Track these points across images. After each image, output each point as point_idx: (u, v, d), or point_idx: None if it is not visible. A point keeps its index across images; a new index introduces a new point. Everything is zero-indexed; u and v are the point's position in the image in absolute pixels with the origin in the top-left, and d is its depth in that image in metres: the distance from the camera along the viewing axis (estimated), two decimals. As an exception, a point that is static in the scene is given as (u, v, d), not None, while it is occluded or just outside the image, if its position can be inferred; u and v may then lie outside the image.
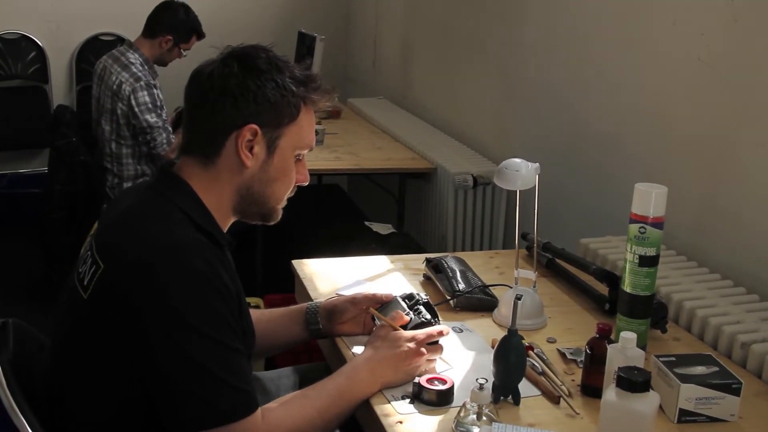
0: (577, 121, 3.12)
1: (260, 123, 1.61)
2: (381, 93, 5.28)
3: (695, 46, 2.45)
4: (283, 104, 1.63)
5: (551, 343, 1.97)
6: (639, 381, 1.46)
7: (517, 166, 1.95)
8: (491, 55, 3.84)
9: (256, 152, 1.63)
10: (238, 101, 1.60)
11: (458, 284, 2.15)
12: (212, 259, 1.51)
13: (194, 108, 1.66)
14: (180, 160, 1.67)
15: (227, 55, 1.64)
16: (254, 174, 1.65)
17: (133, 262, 1.48)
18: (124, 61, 4.04)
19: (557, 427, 1.54)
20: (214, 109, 1.61)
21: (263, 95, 1.61)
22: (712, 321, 2.02)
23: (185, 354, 1.45)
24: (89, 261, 1.56)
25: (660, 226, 1.82)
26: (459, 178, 3.58)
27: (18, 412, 1.49)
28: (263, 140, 1.63)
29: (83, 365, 1.54)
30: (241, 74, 1.60)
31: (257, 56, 1.63)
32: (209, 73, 1.62)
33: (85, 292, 1.53)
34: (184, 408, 1.47)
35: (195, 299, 1.46)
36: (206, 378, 1.46)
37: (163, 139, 4.00)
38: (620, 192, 2.38)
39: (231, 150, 1.62)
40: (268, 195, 1.69)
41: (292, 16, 5.88)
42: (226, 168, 1.63)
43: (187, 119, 1.68)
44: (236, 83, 1.60)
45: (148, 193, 1.64)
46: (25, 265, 4.65)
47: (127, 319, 1.46)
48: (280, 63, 1.64)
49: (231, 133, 1.61)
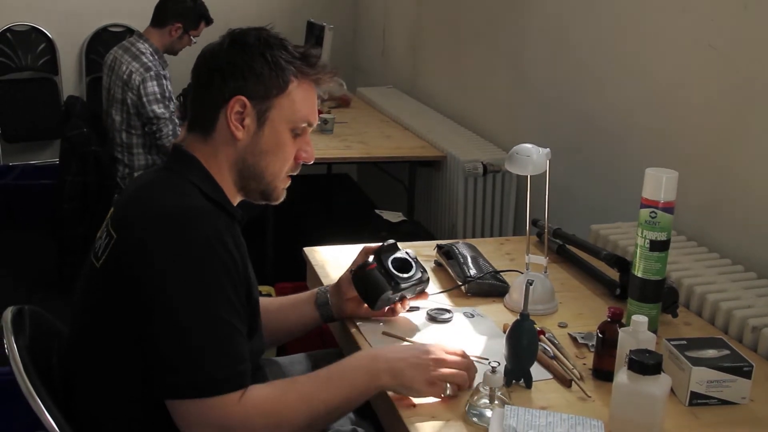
0: (586, 108, 3.12)
1: (248, 95, 1.65)
2: (390, 82, 5.29)
3: (705, 33, 2.45)
4: (271, 76, 1.66)
5: (562, 327, 1.98)
6: (650, 363, 1.47)
7: (529, 152, 1.95)
8: (501, 43, 3.84)
9: (247, 124, 1.66)
10: (224, 74, 1.65)
11: (470, 270, 2.16)
12: (221, 227, 1.55)
13: (193, 86, 1.72)
14: (187, 137, 1.72)
15: (225, 35, 1.70)
16: (246, 146, 1.67)
17: (141, 227, 1.52)
18: (134, 51, 4.06)
19: (569, 410, 1.55)
20: (206, 85, 1.68)
21: (249, 67, 1.65)
22: (723, 305, 2.03)
23: (175, 320, 1.47)
24: (104, 235, 1.60)
25: (671, 211, 1.82)
26: (469, 166, 3.59)
27: (35, 396, 1.50)
28: (253, 112, 1.66)
29: (99, 334, 1.57)
30: (229, 49, 1.67)
31: (249, 33, 1.69)
32: (204, 52, 1.71)
33: (98, 262, 1.57)
34: (163, 374, 1.48)
35: (196, 266, 1.49)
36: (191, 347, 1.47)
37: (169, 131, 4.02)
38: (630, 178, 2.38)
39: (223, 123, 1.66)
40: (263, 168, 1.70)
41: (300, 4, 5.89)
42: (222, 141, 1.67)
43: (190, 97, 1.75)
44: (224, 57, 1.66)
45: (161, 171, 1.70)
46: (37, 255, 4.67)
47: (134, 282, 1.49)
48: (272, 40, 1.69)
49: (222, 107, 1.65)
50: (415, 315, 2.01)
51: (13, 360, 1.56)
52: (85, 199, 4.03)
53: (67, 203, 4.05)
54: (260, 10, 5.90)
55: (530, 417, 1.45)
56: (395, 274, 1.91)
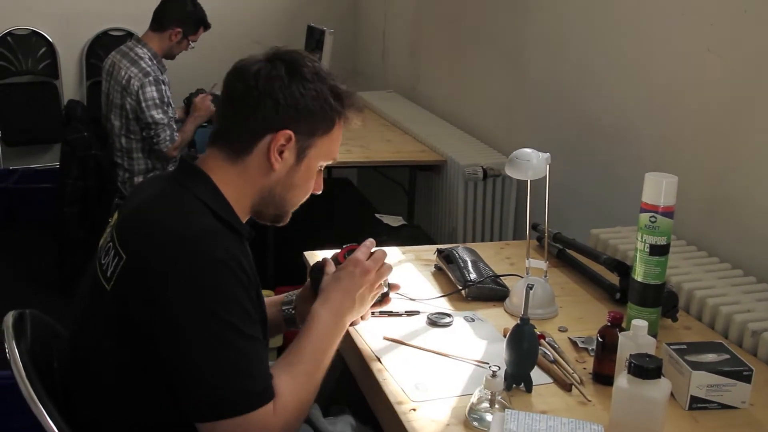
0: (586, 113, 3.12)
1: (296, 130, 1.63)
2: (390, 86, 5.29)
3: (704, 37, 2.46)
4: (321, 116, 1.65)
5: (562, 332, 1.98)
6: (651, 367, 1.47)
7: (528, 156, 1.96)
8: (500, 47, 3.85)
9: (286, 157, 1.64)
10: (279, 105, 1.61)
11: (470, 274, 2.16)
12: (232, 247, 1.53)
13: (233, 102, 1.66)
14: (207, 151, 1.68)
15: (273, 56, 1.65)
16: (279, 178, 1.66)
17: (153, 250, 1.49)
18: (132, 56, 4.06)
19: (569, 415, 1.55)
20: (254, 108, 1.62)
21: (304, 103, 1.62)
22: (723, 309, 2.03)
23: (203, 341, 1.46)
24: (112, 252, 1.57)
25: (670, 215, 1.82)
26: (469, 170, 3.59)
27: (36, 400, 1.50)
28: (295, 147, 1.64)
29: (104, 355, 1.56)
30: (287, 78, 1.61)
31: (304, 63, 1.64)
32: (256, 71, 1.62)
33: (108, 284, 1.54)
34: (198, 395, 1.47)
35: (215, 286, 1.47)
36: (223, 366, 1.46)
37: (167, 136, 4.03)
38: (630, 183, 2.39)
39: (262, 151, 1.63)
40: (287, 200, 1.72)
41: (300, 9, 5.89)
42: (254, 167, 1.64)
43: (223, 111, 1.69)
44: (281, 86, 1.61)
45: (168, 183, 1.65)
46: (38, 259, 4.67)
47: (148, 307, 1.47)
48: (324, 74, 1.66)
49: (266, 135, 1.62)
50: (416, 319, 2.02)
51: (14, 364, 1.57)
52: (85, 203, 4.04)
53: (68, 207, 4.06)
54: (260, 14, 5.91)
55: (530, 421, 1.46)
56: None
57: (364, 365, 1.83)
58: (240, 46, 5.65)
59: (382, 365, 1.80)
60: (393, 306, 2.05)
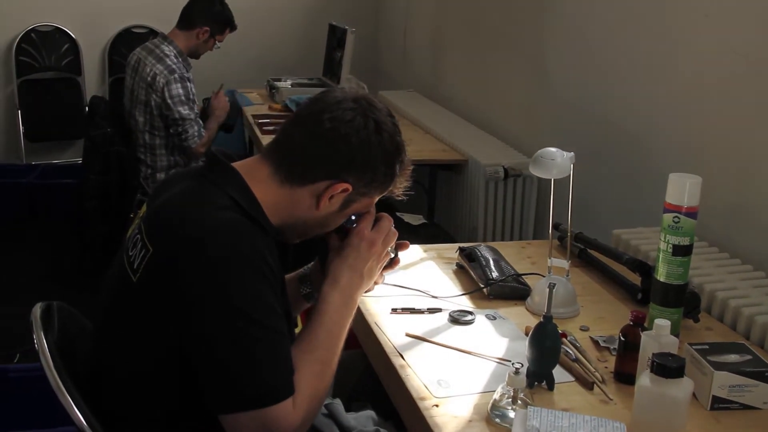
0: (608, 114, 3.12)
1: (355, 186, 1.65)
2: (411, 85, 5.30)
3: (728, 38, 2.45)
4: (381, 184, 1.68)
5: (584, 331, 1.99)
6: (673, 366, 1.48)
7: (553, 155, 1.96)
8: (522, 47, 3.85)
9: (333, 203, 1.66)
10: (355, 159, 1.62)
11: (492, 272, 2.17)
12: (258, 242, 1.53)
13: (313, 134, 1.64)
14: (255, 160, 1.68)
15: (367, 108, 1.65)
16: (317, 217, 1.68)
17: (181, 242, 1.50)
18: (158, 53, 4.08)
19: (591, 413, 1.55)
20: (329, 151, 1.62)
21: (375, 169, 1.64)
22: (745, 311, 2.03)
23: (227, 335, 1.46)
24: (139, 245, 1.58)
25: (694, 216, 1.83)
26: (490, 169, 3.59)
27: (64, 391, 1.52)
28: (344, 198, 1.66)
29: (129, 346, 1.57)
30: (373, 137, 1.63)
31: (392, 132, 1.66)
32: (350, 120, 1.62)
33: (134, 275, 1.55)
34: (221, 388, 1.48)
35: (240, 280, 1.48)
36: (246, 360, 1.47)
37: (194, 132, 4.04)
38: (652, 183, 2.39)
39: (316, 190, 1.64)
40: (313, 233, 1.74)
41: (321, 7, 5.92)
42: (299, 199, 1.65)
43: (294, 136, 1.67)
44: (361, 143, 1.62)
45: (198, 179, 1.65)
46: (60, 254, 4.71)
47: (173, 299, 1.48)
48: (398, 139, 1.69)
49: (327, 179, 1.63)
50: (438, 316, 2.03)
51: (43, 355, 1.58)
52: (108, 198, 4.06)
53: (90, 202, 4.08)
54: (282, 13, 5.93)
55: (553, 418, 1.46)
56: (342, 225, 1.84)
57: (386, 361, 1.85)
58: (262, 48, 5.73)
59: (404, 361, 1.81)
60: (415, 303, 2.06)
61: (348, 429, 1.85)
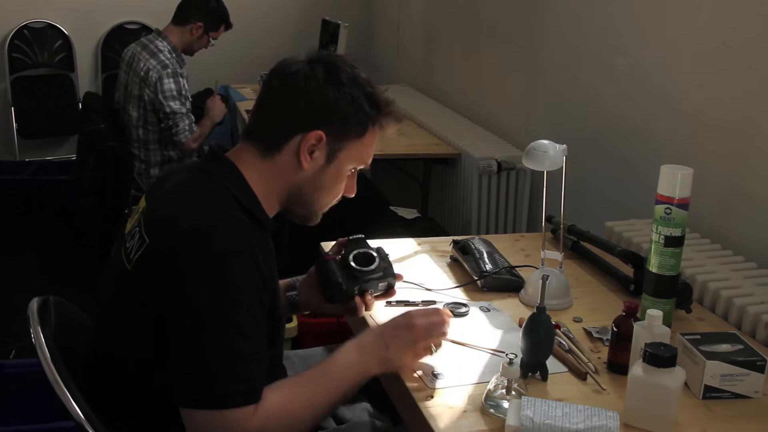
0: (601, 106, 3.14)
1: (327, 131, 1.65)
2: (404, 80, 5.31)
3: (720, 31, 2.47)
4: (354, 120, 1.67)
5: (577, 322, 2.00)
6: (666, 356, 1.50)
7: (545, 148, 1.97)
8: (516, 40, 3.86)
9: (316, 157, 1.66)
10: (312, 105, 1.64)
11: (485, 265, 2.18)
12: (251, 240, 1.54)
13: (269, 99, 1.69)
14: (238, 145, 1.71)
15: (315, 58, 1.68)
16: (308, 177, 1.68)
17: (175, 238, 1.51)
18: (152, 49, 4.09)
19: (584, 402, 1.56)
20: (288, 106, 1.65)
21: (337, 106, 1.64)
22: (737, 301, 2.05)
23: (197, 331, 1.47)
24: (137, 236, 1.60)
25: (685, 207, 1.84)
26: (483, 163, 3.61)
27: (62, 385, 1.53)
28: (325, 148, 1.66)
29: (125, 338, 1.59)
30: (323, 79, 1.64)
31: (342, 68, 1.67)
32: (295, 71, 1.65)
33: (129, 264, 1.58)
34: (185, 382, 1.49)
35: (225, 279, 1.48)
36: (211, 359, 1.47)
37: (185, 126, 4.05)
38: (645, 176, 2.40)
39: (292, 149, 1.65)
40: (315, 199, 1.74)
41: (314, 2, 5.91)
42: (283, 164, 1.66)
43: (259, 108, 1.71)
44: (316, 87, 1.63)
45: (197, 173, 1.67)
46: (54, 250, 4.71)
47: (163, 291, 1.50)
48: (361, 80, 1.68)
49: (297, 134, 1.64)
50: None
51: (40, 349, 1.59)
52: (102, 194, 4.06)
53: (84, 198, 4.08)
54: (275, 8, 5.93)
55: (547, 408, 1.47)
56: (353, 267, 1.91)
57: (381, 353, 1.85)
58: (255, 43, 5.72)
59: (399, 353, 1.82)
60: (409, 296, 2.07)
61: (343, 421, 1.87)
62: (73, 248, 4.44)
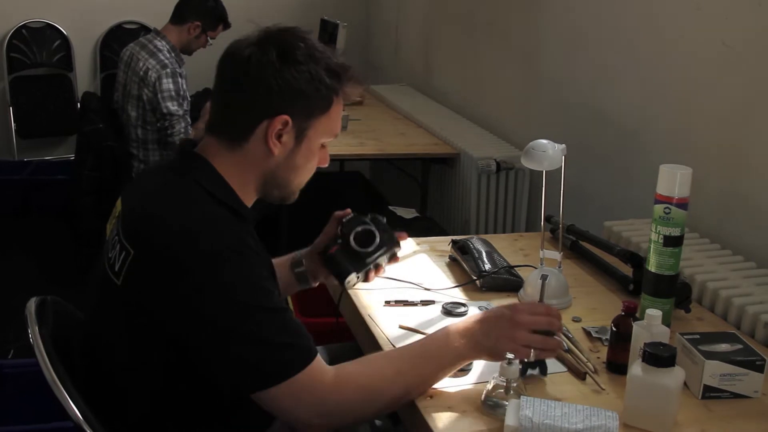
0: (600, 105, 3.13)
1: (292, 114, 1.61)
2: (403, 79, 5.31)
3: (719, 31, 2.46)
4: (317, 97, 1.63)
5: (576, 322, 2.00)
6: (665, 356, 1.50)
7: (544, 147, 1.97)
8: (514, 40, 3.86)
9: (285, 141, 1.63)
10: (272, 91, 1.59)
11: (484, 265, 2.18)
12: (236, 230, 1.55)
13: (226, 90, 1.66)
14: (205, 139, 1.68)
15: (265, 39, 1.62)
16: (280, 161, 1.66)
17: (161, 246, 1.50)
18: (151, 48, 4.09)
19: (583, 402, 1.56)
20: (247, 96, 1.61)
21: (298, 87, 1.60)
22: (736, 301, 2.05)
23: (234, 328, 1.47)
24: (118, 246, 1.57)
25: (685, 207, 1.84)
26: (482, 163, 3.61)
27: (60, 385, 1.52)
28: (293, 130, 1.63)
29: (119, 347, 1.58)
30: (278, 63, 1.59)
31: (296, 46, 1.61)
32: (247, 57, 1.60)
33: (117, 279, 1.54)
34: (241, 375, 1.49)
35: (232, 271, 1.49)
36: (258, 345, 1.48)
37: (181, 128, 4.05)
38: (644, 176, 2.40)
39: (259, 137, 1.62)
40: (291, 180, 1.71)
41: (313, 2, 5.90)
42: (253, 153, 1.64)
43: (218, 99, 1.68)
44: (273, 72, 1.59)
45: (170, 175, 1.65)
46: (53, 250, 4.71)
47: (167, 303, 1.49)
48: (317, 53, 1.63)
49: (262, 122, 1.61)
50: (431, 309, 2.04)
51: (38, 349, 1.59)
52: (101, 194, 4.06)
53: (83, 198, 4.08)
54: (274, 8, 5.92)
55: (546, 408, 1.47)
56: (359, 251, 1.91)
57: (380, 353, 1.85)
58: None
59: (398, 353, 1.81)
60: (408, 296, 2.07)
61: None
62: (72, 248, 4.43)
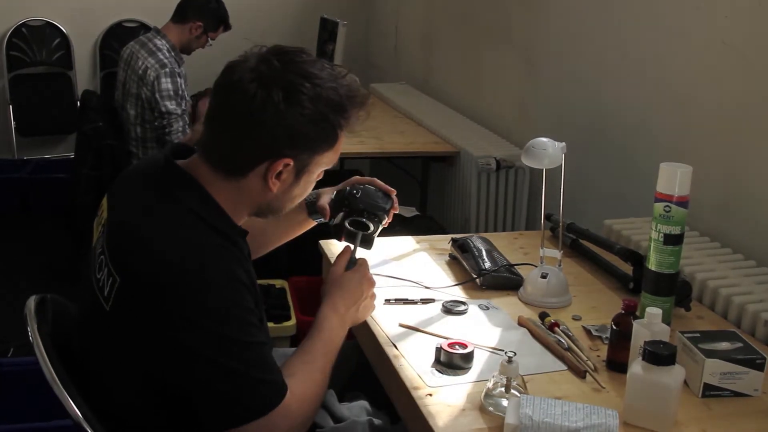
0: (600, 104, 3.13)
1: (295, 156, 1.58)
2: (403, 78, 5.30)
3: (719, 30, 2.46)
4: (321, 137, 1.59)
5: (576, 320, 1.99)
6: (665, 354, 1.50)
7: (544, 145, 1.97)
8: (514, 38, 3.86)
9: (284, 178, 1.60)
10: (276, 136, 1.54)
11: (484, 263, 2.18)
12: (226, 259, 1.52)
13: (226, 121, 1.59)
14: (197, 159, 1.62)
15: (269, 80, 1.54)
16: (278, 195, 1.64)
17: (149, 275, 1.47)
18: (151, 47, 4.09)
19: (584, 401, 1.56)
20: (249, 137, 1.55)
21: (303, 131, 1.55)
22: (736, 300, 2.05)
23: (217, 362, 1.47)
24: (105, 270, 1.54)
25: (685, 205, 1.84)
26: (482, 161, 3.60)
27: (59, 383, 1.52)
28: (293, 168, 1.60)
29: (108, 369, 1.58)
30: (283, 105, 1.52)
31: (302, 86, 1.54)
32: (251, 96, 1.52)
33: (106, 304, 1.53)
34: (219, 410, 1.49)
35: (214, 305, 1.47)
36: (239, 380, 1.48)
37: (179, 127, 4.05)
38: (644, 174, 2.40)
39: (259, 174, 1.58)
40: (287, 206, 1.71)
41: (313, 1, 5.90)
42: (250, 186, 1.60)
43: (216, 127, 1.61)
44: (277, 117, 1.53)
45: (156, 196, 1.58)
46: (52, 249, 4.71)
47: (153, 330, 1.47)
48: (323, 90, 1.56)
49: (263, 162, 1.57)
50: (431, 307, 2.04)
51: (38, 348, 1.58)
52: (100, 192, 4.05)
53: (83, 197, 4.07)
54: (273, 6, 5.92)
55: (546, 406, 1.47)
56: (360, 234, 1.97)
57: (380, 351, 1.86)
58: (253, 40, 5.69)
59: (398, 351, 1.82)
60: (408, 294, 2.08)
61: (341, 419, 1.86)
62: (71, 246, 4.43)
